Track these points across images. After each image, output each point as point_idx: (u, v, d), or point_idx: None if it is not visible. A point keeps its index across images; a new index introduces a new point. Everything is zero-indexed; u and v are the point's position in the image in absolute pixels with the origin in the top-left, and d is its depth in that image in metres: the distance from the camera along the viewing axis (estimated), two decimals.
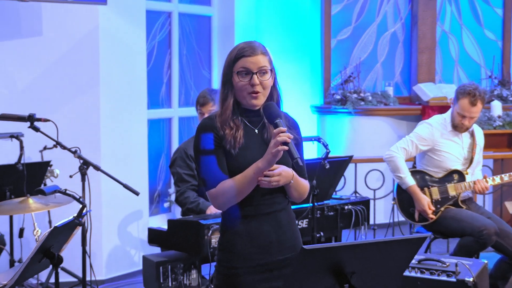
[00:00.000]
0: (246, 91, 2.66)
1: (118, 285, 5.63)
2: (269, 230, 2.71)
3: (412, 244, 2.42)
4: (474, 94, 4.66)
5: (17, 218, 4.73)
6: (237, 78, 2.66)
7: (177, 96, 6.67)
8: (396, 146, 4.87)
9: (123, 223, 5.81)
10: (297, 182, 2.72)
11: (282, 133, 2.55)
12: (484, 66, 8.29)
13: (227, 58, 2.71)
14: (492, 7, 8.28)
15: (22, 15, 5.39)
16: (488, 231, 4.52)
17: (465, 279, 3.82)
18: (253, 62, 2.65)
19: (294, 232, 2.79)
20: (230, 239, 2.71)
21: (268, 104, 2.68)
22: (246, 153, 2.66)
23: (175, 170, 4.61)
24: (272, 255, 2.70)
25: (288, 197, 2.78)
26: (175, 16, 6.57)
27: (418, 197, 4.74)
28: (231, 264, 2.70)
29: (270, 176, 2.62)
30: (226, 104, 2.68)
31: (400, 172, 4.78)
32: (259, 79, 2.65)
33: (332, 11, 7.79)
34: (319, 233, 4.47)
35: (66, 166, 4.59)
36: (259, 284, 2.69)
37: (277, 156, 2.58)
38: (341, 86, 7.71)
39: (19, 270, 3.17)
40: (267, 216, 2.71)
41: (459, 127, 4.78)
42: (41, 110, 4.63)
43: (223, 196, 2.66)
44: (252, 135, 2.72)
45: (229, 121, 2.68)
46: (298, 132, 2.82)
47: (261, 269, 2.69)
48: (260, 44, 2.71)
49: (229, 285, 2.71)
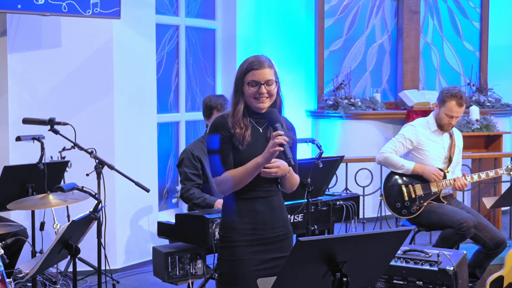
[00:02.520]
0: (254, 98, 2.89)
1: (131, 273, 5.62)
2: (263, 211, 2.95)
3: (397, 236, 2.42)
4: (461, 96, 4.71)
5: (38, 212, 4.72)
6: (247, 88, 2.89)
7: (184, 101, 6.66)
8: (385, 148, 4.87)
9: (135, 217, 5.80)
10: (291, 175, 2.96)
11: (279, 136, 2.78)
12: (463, 74, 8.28)
13: (239, 70, 2.93)
14: (471, 20, 8.27)
15: (43, 28, 5.38)
16: (468, 224, 4.52)
17: (446, 268, 3.81)
18: (261, 74, 2.88)
19: (283, 214, 3.04)
20: (231, 218, 2.94)
21: (270, 111, 2.90)
22: (251, 149, 2.89)
23: (182, 170, 4.60)
24: (265, 232, 2.95)
25: (280, 187, 3.02)
26: (182, 29, 6.57)
27: (425, 169, 4.74)
28: (231, 237, 2.93)
29: (270, 167, 2.86)
30: (237, 108, 2.91)
31: (399, 164, 4.78)
32: (266, 88, 2.88)
33: (325, 25, 7.78)
34: (313, 226, 4.46)
35: (83, 166, 4.59)
36: (253, 255, 2.92)
37: (273, 155, 2.83)
38: (333, 92, 7.70)
39: (40, 260, 3.17)
40: (262, 199, 2.95)
41: (445, 126, 4.79)
42: (60, 115, 4.62)
43: (226, 183, 2.89)
44: (258, 134, 2.94)
45: (239, 121, 2.90)
46: (294, 134, 3.04)
47: (256, 242, 2.93)
48: (267, 58, 2.95)
49: (231, 254, 2.93)
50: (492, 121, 7.29)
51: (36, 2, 4.92)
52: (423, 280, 3.86)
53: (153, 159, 5.94)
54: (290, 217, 4.34)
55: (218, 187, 2.93)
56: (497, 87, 8.06)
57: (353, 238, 2.34)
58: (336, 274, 2.29)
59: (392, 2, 7.98)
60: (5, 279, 3.19)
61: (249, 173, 2.86)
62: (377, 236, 2.42)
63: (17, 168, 4.48)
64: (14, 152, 5.33)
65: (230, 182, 2.88)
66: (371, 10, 7.94)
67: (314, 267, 2.29)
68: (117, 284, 5.06)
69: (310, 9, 7.75)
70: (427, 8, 8.09)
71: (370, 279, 2.50)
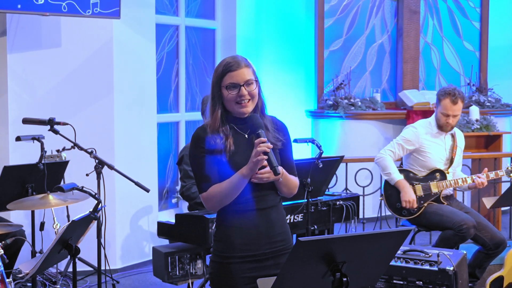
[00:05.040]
0: (235, 102, 2.66)
1: (130, 273, 5.62)
2: (259, 225, 2.71)
3: (397, 236, 2.42)
4: (454, 93, 4.70)
5: (38, 212, 4.71)
6: (226, 92, 2.66)
7: (184, 102, 6.66)
8: (385, 149, 4.87)
9: (135, 217, 5.80)
10: (287, 179, 2.73)
11: (262, 143, 2.57)
12: (463, 74, 8.28)
13: (214, 74, 2.71)
14: (470, 20, 8.27)
15: (43, 28, 5.38)
16: (467, 225, 4.51)
17: (446, 268, 3.81)
18: (239, 75, 2.65)
19: (283, 228, 2.79)
20: (224, 231, 2.72)
21: (251, 116, 2.68)
22: (236, 159, 2.67)
23: (182, 167, 4.60)
24: (261, 247, 2.71)
25: (279, 192, 2.78)
26: (182, 29, 6.57)
27: (404, 190, 4.73)
28: (224, 253, 2.71)
29: (262, 172, 2.62)
30: (214, 115, 2.69)
31: (388, 170, 4.78)
32: (246, 90, 2.65)
33: (325, 25, 7.78)
34: (313, 226, 4.46)
35: (83, 166, 4.58)
36: (248, 272, 2.70)
37: (258, 164, 2.60)
38: (333, 92, 7.70)
39: (40, 260, 3.16)
40: (259, 211, 2.71)
41: (444, 126, 4.78)
42: (60, 115, 4.62)
43: (213, 199, 2.68)
44: (242, 140, 2.71)
45: (219, 130, 2.68)
46: (286, 133, 2.81)
47: (251, 259, 2.70)
48: (243, 58, 2.72)
49: (222, 272, 2.72)
50: (492, 121, 7.29)
51: (36, 2, 4.92)
52: (423, 280, 3.86)
53: (153, 159, 5.94)
54: (290, 217, 4.35)
55: (206, 203, 2.72)
56: (497, 87, 8.07)
57: (353, 238, 2.34)
58: (336, 274, 2.29)
59: (392, 2, 7.98)
60: (5, 279, 3.19)
61: (234, 186, 2.63)
62: (377, 236, 2.41)
63: (17, 168, 4.48)
64: (14, 152, 5.34)
65: (216, 198, 2.66)
66: (371, 10, 7.94)
67: (314, 267, 2.29)
68: (117, 284, 5.06)
69: (310, 9, 7.75)
70: (427, 8, 8.09)
71: (370, 279, 2.50)
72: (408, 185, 4.74)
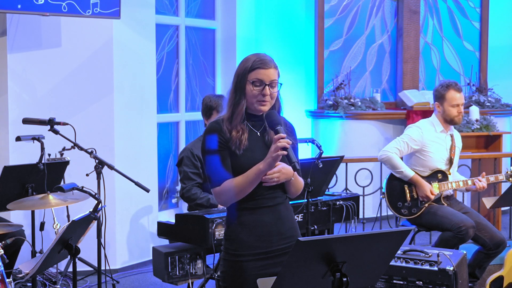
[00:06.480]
0: (256, 99, 2.69)
1: (131, 273, 5.62)
2: (269, 222, 2.74)
3: (397, 236, 2.42)
4: (455, 83, 4.79)
5: (38, 212, 4.72)
6: (250, 87, 2.69)
7: (184, 102, 6.66)
8: (390, 146, 4.83)
9: (135, 217, 5.80)
10: (296, 179, 2.77)
11: (282, 139, 2.59)
12: (463, 74, 8.28)
13: (242, 67, 2.72)
14: (470, 20, 8.27)
15: (43, 28, 5.38)
16: (466, 227, 4.51)
17: (446, 268, 3.81)
18: (266, 74, 2.69)
19: (292, 224, 2.82)
20: (235, 229, 2.74)
21: (270, 112, 2.72)
22: (249, 154, 2.70)
23: (182, 169, 4.60)
24: (272, 244, 2.74)
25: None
26: (182, 29, 6.57)
27: (421, 184, 4.73)
28: (236, 252, 2.73)
29: (271, 173, 2.65)
30: (239, 109, 2.71)
31: (399, 168, 4.76)
32: (270, 90, 2.70)
33: (325, 25, 7.79)
34: (313, 226, 4.46)
35: (83, 166, 4.59)
36: (260, 270, 2.72)
37: (276, 160, 2.63)
38: (333, 92, 7.71)
39: (40, 260, 3.17)
40: (268, 209, 2.74)
41: (457, 118, 4.77)
42: (60, 115, 4.63)
43: (226, 194, 2.69)
44: (255, 138, 2.75)
45: (237, 124, 2.71)
46: (295, 136, 2.86)
47: (263, 256, 2.72)
48: (271, 59, 2.76)
49: (235, 270, 2.73)
50: (492, 121, 7.30)
51: (36, 2, 4.92)
52: (423, 280, 3.86)
53: (153, 159, 5.94)
54: None
55: (218, 198, 2.73)
56: (497, 87, 8.07)
57: (353, 238, 2.34)
58: (336, 274, 2.29)
59: (392, 2, 7.98)
60: (5, 279, 3.19)
61: (250, 181, 2.65)
62: (377, 236, 2.41)
63: (17, 168, 4.48)
64: (14, 152, 5.34)
65: (231, 193, 2.67)
66: (371, 10, 7.94)
67: (314, 267, 2.29)
68: (117, 284, 5.05)
69: (310, 9, 7.75)
70: (427, 8, 8.09)
71: (370, 279, 2.50)
72: (422, 179, 4.74)
